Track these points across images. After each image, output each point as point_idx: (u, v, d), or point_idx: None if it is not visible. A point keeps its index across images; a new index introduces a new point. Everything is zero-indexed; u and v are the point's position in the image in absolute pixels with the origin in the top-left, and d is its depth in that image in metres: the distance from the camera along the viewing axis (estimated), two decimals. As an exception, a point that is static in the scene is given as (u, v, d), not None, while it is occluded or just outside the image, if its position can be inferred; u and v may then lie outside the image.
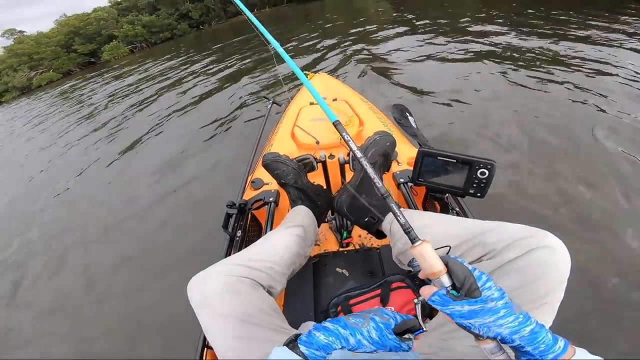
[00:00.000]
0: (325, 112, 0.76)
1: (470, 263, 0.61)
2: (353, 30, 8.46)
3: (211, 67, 8.16)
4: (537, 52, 4.15)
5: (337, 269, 1.12)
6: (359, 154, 0.64)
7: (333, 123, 0.73)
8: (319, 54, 6.41)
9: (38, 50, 26.70)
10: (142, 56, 19.88)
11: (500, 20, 6.32)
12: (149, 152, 4.02)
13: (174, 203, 2.68)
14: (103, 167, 3.99)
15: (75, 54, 27.52)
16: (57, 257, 2.56)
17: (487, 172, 0.83)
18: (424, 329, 0.51)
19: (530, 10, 6.85)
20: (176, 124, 4.68)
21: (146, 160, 3.74)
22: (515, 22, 5.96)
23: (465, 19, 7.51)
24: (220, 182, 2.70)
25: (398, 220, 0.54)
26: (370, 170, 0.61)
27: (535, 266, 0.55)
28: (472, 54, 4.56)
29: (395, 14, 10.57)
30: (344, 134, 0.70)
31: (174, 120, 4.88)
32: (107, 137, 5.14)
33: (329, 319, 0.51)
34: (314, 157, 1.19)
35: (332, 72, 4.99)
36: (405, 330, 0.50)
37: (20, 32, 30.57)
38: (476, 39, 5.22)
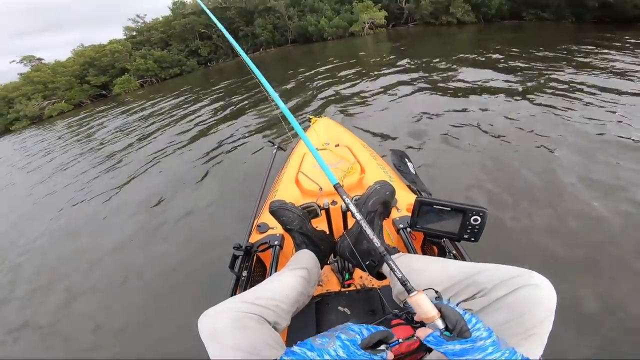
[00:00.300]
0: (326, 175, 0.87)
1: (464, 300, 0.69)
2: (354, 72, 8.89)
3: (217, 106, 8.43)
4: (532, 94, 4.56)
5: (339, 308, 1.16)
6: (358, 217, 0.76)
7: (334, 186, 0.84)
8: (321, 95, 6.67)
9: (53, 79, 27.19)
10: (151, 91, 20.57)
11: (500, 64, 6.79)
12: (148, 190, 4.16)
13: (178, 242, 2.77)
14: (107, 204, 4.07)
15: (88, 85, 28.12)
16: (47, 289, 2.65)
17: (479, 219, 0.91)
18: (400, 340, 0.57)
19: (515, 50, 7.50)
20: (179, 163, 4.79)
21: (145, 198, 3.89)
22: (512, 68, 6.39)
23: (460, 57, 8.32)
24: (225, 223, 2.79)
25: (395, 275, 0.63)
26: (369, 231, 0.73)
27: (522, 302, 0.61)
28: (465, 96, 4.92)
29: (393, 56, 11.16)
30: (344, 197, 0.81)
31: (178, 159, 4.99)
32: (111, 172, 5.28)
33: (298, 341, 0.56)
34: (318, 205, 1.29)
35: (335, 112, 5.22)
36: (379, 342, 0.54)
37: (39, 59, 30.90)
38: (469, 83, 5.60)
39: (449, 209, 0.95)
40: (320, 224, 1.29)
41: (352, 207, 0.78)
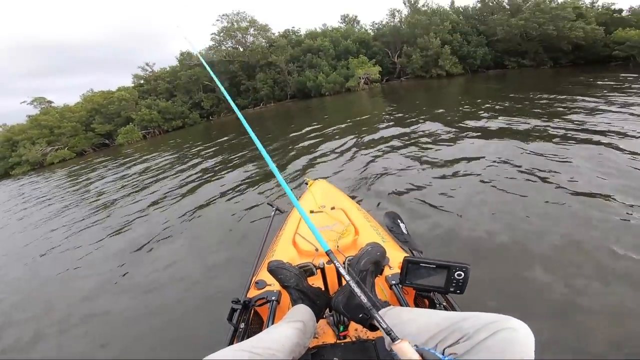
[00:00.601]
0: (318, 242, 1.01)
1: (449, 346, 0.75)
2: (350, 127, 9.23)
3: (216, 162, 8.60)
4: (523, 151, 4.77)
5: (335, 359, 1.19)
6: (347, 278, 0.90)
7: (326, 252, 0.98)
8: (317, 154, 6.85)
9: (60, 124, 27.36)
10: (153, 143, 21.12)
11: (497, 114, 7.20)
12: (136, 242, 4.19)
13: (173, 294, 2.83)
14: (109, 257, 4.04)
15: (93, 133, 28.45)
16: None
17: (463, 274, 1.01)
18: None
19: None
20: (175, 217, 4.85)
21: (135, 250, 3.96)
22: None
23: (454, 112, 8.78)
24: (222, 279, 2.86)
25: (380, 326, 0.74)
26: (357, 290, 0.86)
27: (501, 344, 0.68)
28: (463, 151, 5.15)
29: (389, 110, 11.71)
30: (335, 262, 0.95)
31: (174, 213, 5.04)
32: (110, 226, 5.28)
33: None
34: (314, 265, 1.39)
35: (331, 172, 5.37)
36: None
37: (49, 102, 31.08)
38: (464, 137, 5.85)
39: (435, 266, 1.05)
40: (316, 281, 1.38)
41: (342, 271, 0.91)
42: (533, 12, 24.28)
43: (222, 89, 1.69)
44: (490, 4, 28.39)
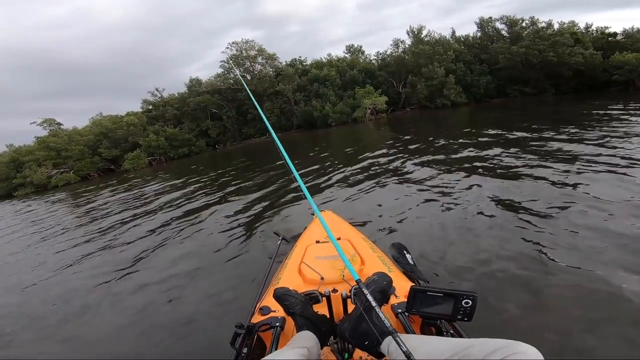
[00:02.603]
0: (350, 273, 1.10)
1: None
2: (357, 159, 9.21)
3: (224, 189, 8.56)
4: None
5: None
6: (370, 299, 0.97)
7: (356, 281, 1.06)
8: (324, 185, 6.84)
9: (68, 147, 27.51)
10: (159, 170, 21.20)
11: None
12: (149, 274, 4.05)
13: (175, 320, 2.79)
14: (108, 284, 3.96)
15: (99, 157, 28.64)
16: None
17: (470, 302, 1.00)
18: None
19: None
20: (183, 246, 4.80)
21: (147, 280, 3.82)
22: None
23: (455, 141, 9.03)
24: (226, 306, 2.84)
25: (401, 349, 0.79)
26: (375, 304, 0.94)
27: None
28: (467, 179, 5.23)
29: (394, 143, 11.70)
30: (364, 288, 1.02)
31: (179, 243, 4.94)
32: (110, 253, 5.21)
33: None
34: (319, 292, 1.39)
35: (337, 202, 5.39)
36: None
37: (58, 123, 31.24)
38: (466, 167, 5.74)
39: (442, 294, 1.04)
40: (321, 309, 1.37)
41: (368, 296, 0.98)
42: (533, 40, 24.93)
43: (260, 110, 1.84)
44: (490, 32, 29.24)
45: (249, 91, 2.17)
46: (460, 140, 9.37)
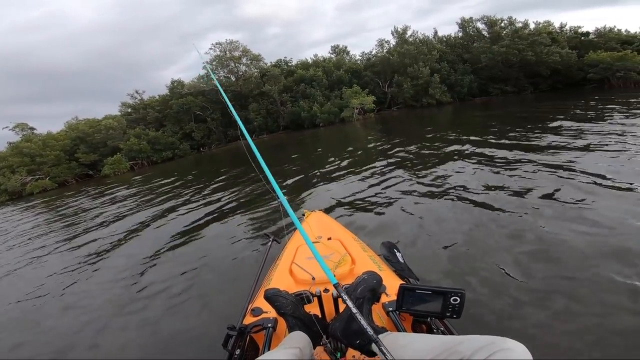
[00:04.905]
0: (327, 275, 1.11)
1: None
2: (346, 159, 9.20)
3: (212, 192, 8.40)
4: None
5: None
6: (349, 304, 0.97)
7: (334, 285, 1.07)
8: (313, 186, 6.80)
9: (42, 152, 26.23)
10: (141, 174, 20.40)
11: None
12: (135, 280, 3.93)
13: (168, 320, 2.79)
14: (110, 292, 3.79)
15: (76, 163, 27.39)
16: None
17: (458, 299, 1.02)
18: None
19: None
20: (173, 250, 4.66)
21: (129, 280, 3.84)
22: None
23: (441, 138, 9.10)
24: (217, 308, 2.81)
25: (384, 355, 0.80)
26: (361, 319, 0.91)
27: None
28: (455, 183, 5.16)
29: (382, 141, 11.71)
30: (343, 294, 1.01)
31: (169, 247, 4.81)
32: (99, 252, 5.14)
33: None
34: (310, 292, 1.37)
35: (327, 203, 5.31)
36: None
37: (31, 128, 29.98)
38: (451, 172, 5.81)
39: (430, 292, 1.06)
40: (312, 309, 1.38)
41: (344, 296, 0.99)
42: (512, 39, 25.61)
43: (235, 114, 1.68)
44: (471, 32, 29.79)
45: (223, 94, 2.02)
46: (448, 137, 9.60)
